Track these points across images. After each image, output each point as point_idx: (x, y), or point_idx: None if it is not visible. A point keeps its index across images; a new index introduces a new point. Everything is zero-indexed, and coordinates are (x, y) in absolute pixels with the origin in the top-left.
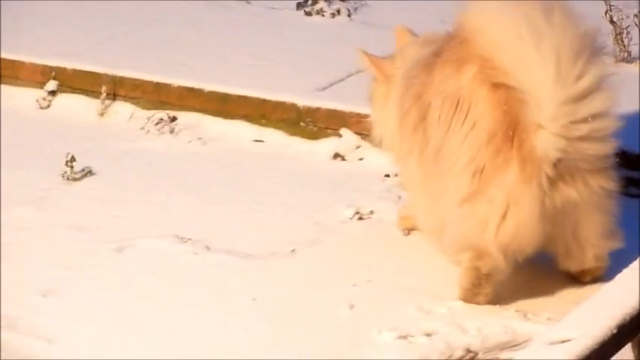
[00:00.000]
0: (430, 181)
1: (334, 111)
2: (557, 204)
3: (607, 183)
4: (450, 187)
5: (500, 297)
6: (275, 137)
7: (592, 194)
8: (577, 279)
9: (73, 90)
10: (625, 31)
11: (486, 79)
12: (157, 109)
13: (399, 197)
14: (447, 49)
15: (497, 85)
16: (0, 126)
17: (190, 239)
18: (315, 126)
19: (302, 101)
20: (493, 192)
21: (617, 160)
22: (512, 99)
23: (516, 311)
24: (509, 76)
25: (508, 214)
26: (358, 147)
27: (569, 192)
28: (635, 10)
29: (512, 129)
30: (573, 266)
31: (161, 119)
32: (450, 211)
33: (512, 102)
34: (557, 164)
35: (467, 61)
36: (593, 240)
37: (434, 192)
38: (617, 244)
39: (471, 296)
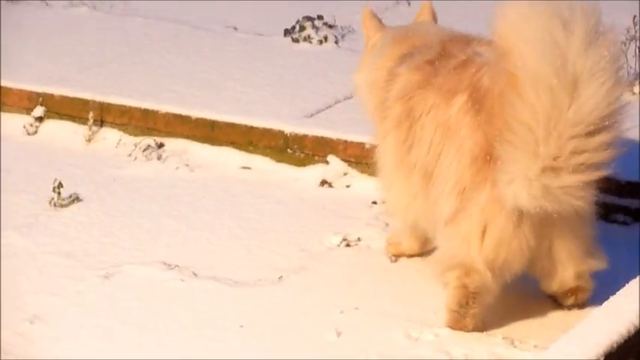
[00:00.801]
0: (420, 200)
1: (321, 138)
2: (534, 221)
3: (584, 204)
4: (440, 210)
5: (487, 323)
6: (262, 164)
7: (569, 213)
8: (561, 302)
9: (60, 116)
10: None
11: (472, 107)
12: (144, 135)
13: (386, 224)
14: (442, 71)
15: (480, 110)
16: None
17: (177, 266)
18: (302, 153)
19: (289, 128)
20: (471, 209)
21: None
22: (492, 122)
23: (503, 338)
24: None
25: (487, 231)
26: (345, 174)
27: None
28: (623, 38)
29: (491, 150)
30: (555, 286)
31: (148, 146)
32: (438, 233)
33: (492, 125)
34: None
35: (457, 91)
36: (573, 257)
37: (424, 213)
38: (598, 264)
39: (458, 319)
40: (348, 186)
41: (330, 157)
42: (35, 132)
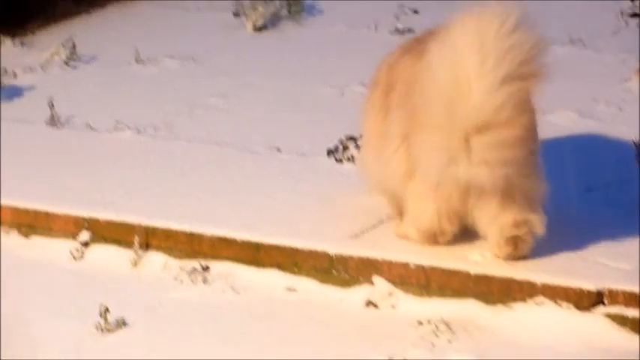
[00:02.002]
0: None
1: (366, 259)
2: None
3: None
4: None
5: None
6: (307, 285)
7: None
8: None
9: (106, 240)
10: None
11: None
12: (189, 258)
13: (433, 344)
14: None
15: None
16: (33, 278)
17: None
18: (347, 274)
19: (334, 249)
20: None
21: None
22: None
23: None
24: None
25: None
26: (390, 294)
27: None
28: None
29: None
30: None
31: (194, 269)
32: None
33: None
34: None
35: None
36: (512, 206)
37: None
38: (537, 219)
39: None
40: (393, 306)
41: (375, 278)
42: (81, 257)
